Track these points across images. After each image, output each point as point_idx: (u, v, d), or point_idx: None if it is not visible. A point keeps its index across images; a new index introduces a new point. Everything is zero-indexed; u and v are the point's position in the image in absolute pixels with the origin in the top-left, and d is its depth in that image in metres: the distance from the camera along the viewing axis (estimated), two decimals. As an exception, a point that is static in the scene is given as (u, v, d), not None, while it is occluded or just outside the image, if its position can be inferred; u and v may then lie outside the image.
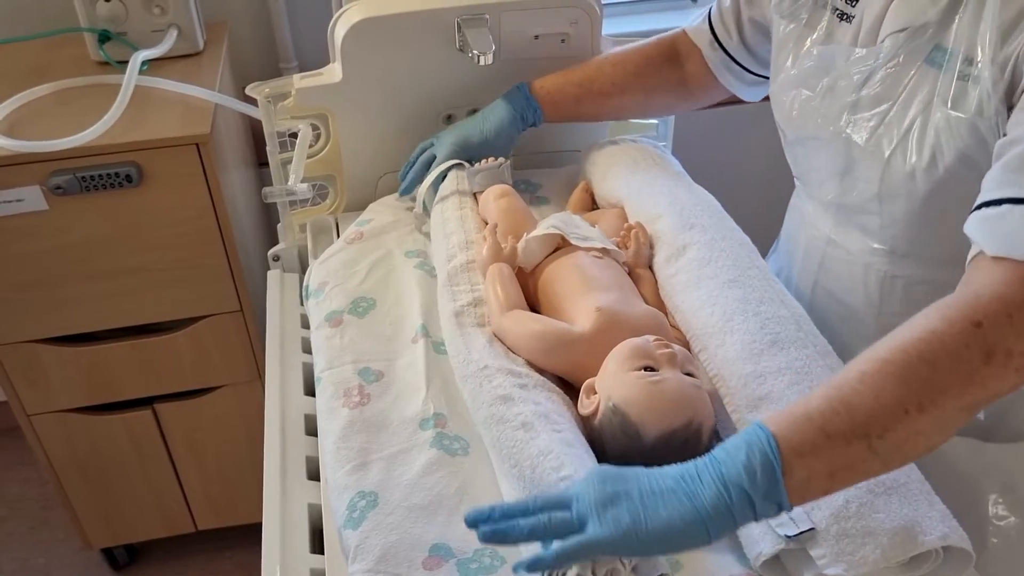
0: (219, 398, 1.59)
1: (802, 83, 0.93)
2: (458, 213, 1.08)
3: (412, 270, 1.07)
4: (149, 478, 1.67)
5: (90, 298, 1.41)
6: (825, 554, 0.68)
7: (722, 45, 1.11)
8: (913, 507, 0.70)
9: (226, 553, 1.91)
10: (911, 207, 0.85)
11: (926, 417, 0.61)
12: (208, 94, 1.37)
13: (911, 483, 0.72)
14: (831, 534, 0.69)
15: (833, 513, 0.69)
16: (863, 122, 0.86)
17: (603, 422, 0.79)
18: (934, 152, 0.80)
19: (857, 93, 0.86)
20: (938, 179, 0.81)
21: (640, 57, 1.17)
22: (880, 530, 0.68)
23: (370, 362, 0.94)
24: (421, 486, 0.80)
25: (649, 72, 1.17)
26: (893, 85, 0.83)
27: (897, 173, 0.84)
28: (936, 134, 0.79)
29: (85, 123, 1.24)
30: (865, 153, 0.86)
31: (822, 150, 0.93)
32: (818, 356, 0.84)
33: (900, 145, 0.83)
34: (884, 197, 0.87)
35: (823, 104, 0.90)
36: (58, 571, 1.89)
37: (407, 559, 0.73)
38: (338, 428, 0.86)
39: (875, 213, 0.89)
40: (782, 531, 0.70)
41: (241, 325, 1.50)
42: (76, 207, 1.30)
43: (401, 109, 1.26)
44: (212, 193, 1.33)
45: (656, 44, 1.18)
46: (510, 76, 1.21)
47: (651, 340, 0.82)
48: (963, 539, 0.69)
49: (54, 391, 1.50)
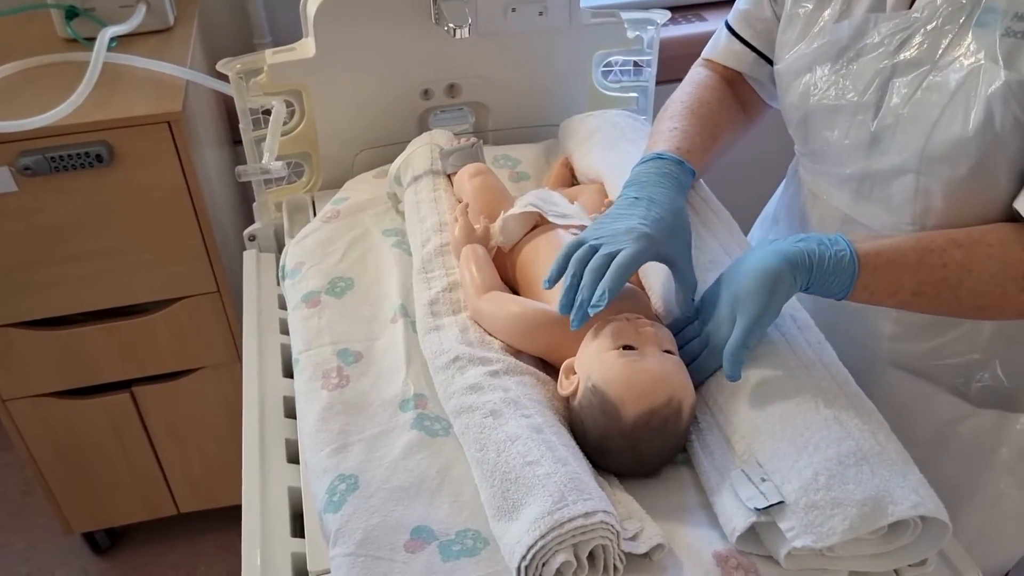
0: (198, 380, 1.57)
1: (817, 59, 0.89)
2: (431, 195, 1.06)
3: (390, 249, 1.06)
4: (129, 461, 1.65)
5: (64, 281, 1.38)
6: (794, 526, 0.68)
7: (766, 56, 1.01)
8: (885, 478, 0.69)
9: (209, 535, 1.90)
10: (956, 174, 0.81)
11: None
12: (179, 71, 1.34)
13: (887, 453, 0.72)
14: (800, 507, 0.69)
15: (803, 486, 0.69)
16: (900, 88, 0.83)
17: (583, 402, 0.78)
18: (987, 116, 0.76)
19: (892, 59, 0.83)
20: (990, 144, 0.77)
21: (718, 96, 1.03)
22: (849, 501, 0.68)
23: (349, 343, 0.93)
24: (402, 468, 0.79)
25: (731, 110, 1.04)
26: (932, 48, 0.80)
27: (944, 138, 0.80)
28: (989, 97, 0.76)
29: (53, 102, 1.21)
30: (903, 120, 0.83)
31: (844, 122, 0.89)
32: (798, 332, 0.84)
33: (948, 109, 0.79)
34: (925, 163, 0.82)
35: (848, 75, 0.87)
36: (39, 556, 1.87)
37: (389, 542, 0.72)
38: (317, 410, 0.85)
39: (909, 183, 0.85)
40: (752, 504, 0.70)
41: (219, 306, 1.48)
42: (46, 188, 1.27)
43: (377, 84, 1.23)
44: (185, 172, 1.31)
45: (712, 79, 1.04)
46: (487, 49, 1.19)
47: (630, 319, 0.81)
48: (937, 509, 0.69)
49: (30, 376, 1.48)
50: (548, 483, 0.69)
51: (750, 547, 0.72)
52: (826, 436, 0.72)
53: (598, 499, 0.68)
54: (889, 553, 0.71)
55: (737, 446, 0.76)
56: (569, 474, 0.70)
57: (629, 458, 0.78)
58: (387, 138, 1.27)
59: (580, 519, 0.66)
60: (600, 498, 0.69)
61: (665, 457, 0.80)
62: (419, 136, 1.18)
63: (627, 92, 1.37)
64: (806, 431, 0.73)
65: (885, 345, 0.97)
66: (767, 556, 0.72)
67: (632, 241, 0.80)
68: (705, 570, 0.70)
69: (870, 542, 0.70)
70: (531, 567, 0.66)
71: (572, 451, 0.75)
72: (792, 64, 0.93)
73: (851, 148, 0.90)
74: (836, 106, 0.89)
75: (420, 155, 1.13)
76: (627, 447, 0.77)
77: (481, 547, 0.72)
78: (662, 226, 0.83)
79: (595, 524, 0.66)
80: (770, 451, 0.73)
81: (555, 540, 0.65)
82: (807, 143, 0.97)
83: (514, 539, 0.67)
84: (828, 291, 0.80)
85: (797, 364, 0.80)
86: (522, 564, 0.66)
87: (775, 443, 0.73)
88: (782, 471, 0.71)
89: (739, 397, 0.79)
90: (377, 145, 1.28)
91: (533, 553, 0.65)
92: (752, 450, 0.74)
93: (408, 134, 1.22)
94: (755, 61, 1.02)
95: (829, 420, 0.74)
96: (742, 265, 0.80)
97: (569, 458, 0.73)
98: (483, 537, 0.73)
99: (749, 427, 0.76)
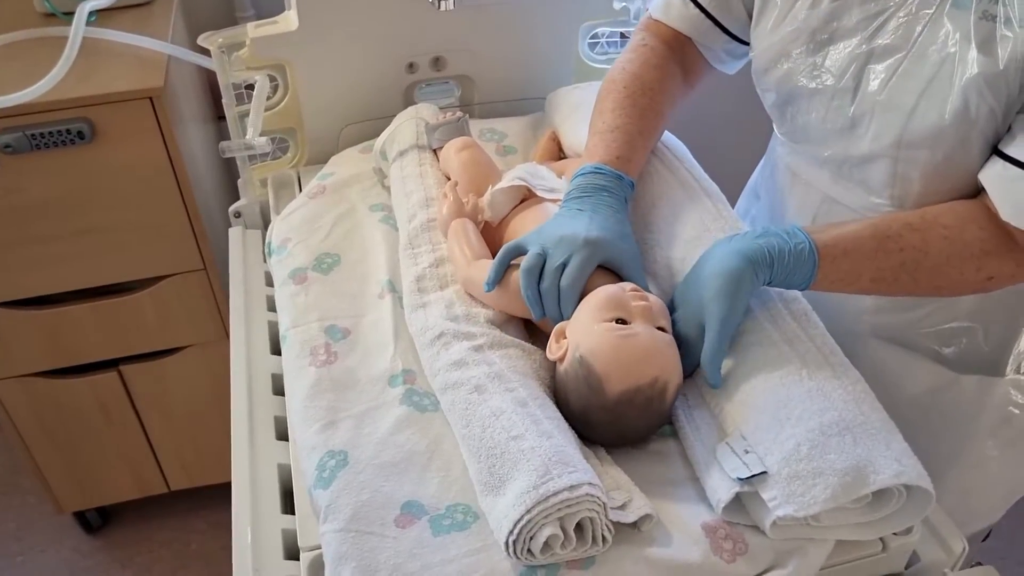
0: (186, 358, 1.57)
1: (792, 44, 0.89)
2: (417, 170, 1.06)
3: (377, 224, 1.05)
4: (118, 440, 1.65)
5: (48, 260, 1.37)
6: (776, 496, 0.69)
7: (724, 27, 0.99)
8: (868, 447, 0.70)
9: (200, 512, 1.91)
10: (933, 159, 0.82)
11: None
12: (160, 45, 1.32)
13: (870, 423, 0.72)
14: (782, 477, 0.69)
15: (785, 457, 0.70)
16: (877, 74, 0.83)
17: (568, 371, 0.78)
18: (963, 104, 0.77)
19: (869, 44, 0.83)
20: (966, 131, 0.78)
21: (654, 71, 1.00)
22: (830, 471, 0.68)
23: (336, 319, 0.93)
24: (391, 443, 0.79)
25: (668, 81, 1.01)
26: (907, 34, 0.80)
27: (921, 126, 0.80)
28: (964, 86, 0.76)
29: (32, 78, 1.19)
30: (880, 106, 0.83)
31: (821, 107, 0.89)
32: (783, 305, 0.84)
33: (924, 97, 0.79)
34: (902, 149, 0.83)
35: (824, 59, 0.86)
36: (30, 536, 1.87)
37: (379, 517, 0.72)
38: (305, 387, 0.85)
39: (886, 167, 0.86)
40: (735, 475, 0.70)
41: (205, 284, 1.47)
42: (27, 166, 1.26)
43: (361, 57, 1.22)
44: (169, 149, 1.29)
45: (656, 53, 1.01)
46: (472, 21, 1.17)
47: (627, 289, 0.80)
48: (920, 477, 0.69)
49: (15, 356, 1.47)
50: (533, 457, 0.69)
51: (737, 517, 0.73)
52: (809, 407, 0.73)
53: (583, 471, 0.69)
54: (874, 522, 0.72)
55: (723, 420, 0.77)
56: (554, 447, 0.70)
57: (610, 431, 0.78)
58: (372, 112, 1.26)
59: (565, 492, 0.66)
60: (585, 470, 0.69)
61: (646, 433, 0.80)
62: (404, 110, 1.17)
63: (605, 66, 1.36)
64: (789, 403, 0.73)
65: (866, 317, 0.97)
66: (754, 526, 0.72)
67: (580, 248, 0.82)
68: (694, 540, 0.71)
69: (855, 511, 0.71)
70: (519, 541, 0.66)
71: (557, 423, 0.75)
72: (768, 49, 0.92)
73: (829, 132, 0.90)
74: (814, 90, 0.89)
75: (405, 129, 1.12)
76: (608, 420, 0.77)
77: (471, 521, 0.73)
78: (606, 233, 0.84)
79: (580, 497, 0.66)
80: (754, 423, 0.73)
81: (541, 514, 0.66)
82: (784, 124, 0.97)
83: (501, 514, 0.68)
84: (790, 284, 0.81)
85: (780, 337, 0.80)
86: (510, 539, 0.66)
87: (759, 415, 0.73)
88: (765, 443, 0.72)
89: (725, 373, 0.79)
90: (362, 120, 1.26)
91: (520, 527, 0.66)
92: (736, 423, 0.75)
93: (393, 108, 1.21)
94: (710, 29, 0.99)
95: (813, 392, 0.74)
96: (704, 268, 0.81)
97: (554, 431, 0.73)
98: (473, 511, 0.73)
99: (734, 401, 0.77)
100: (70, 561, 1.83)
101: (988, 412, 0.98)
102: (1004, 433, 0.99)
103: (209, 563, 1.84)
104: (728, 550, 0.71)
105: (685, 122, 1.16)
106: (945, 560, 0.80)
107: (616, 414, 0.76)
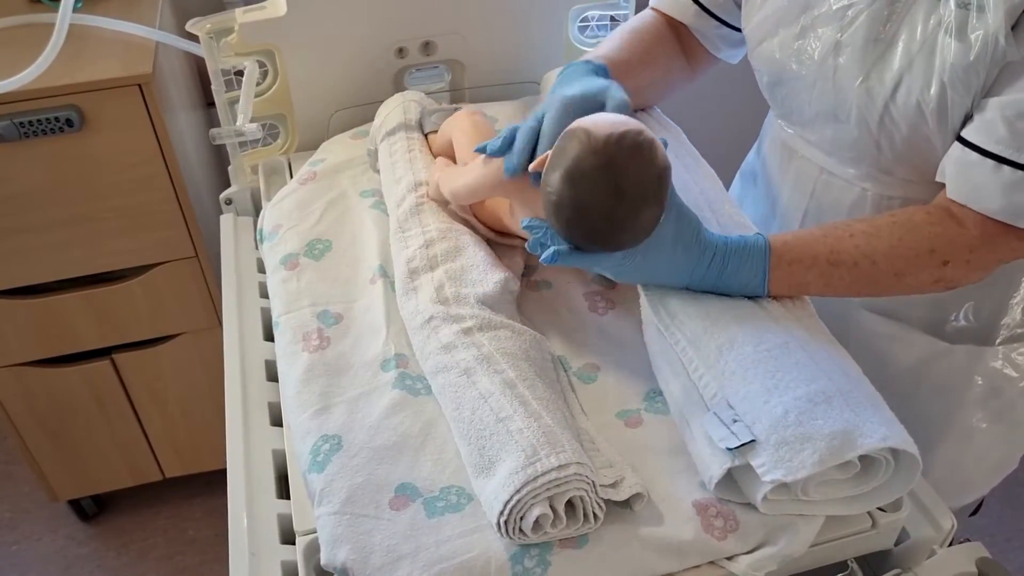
0: (179, 346, 1.57)
1: (779, 23, 0.90)
2: (407, 155, 1.05)
3: (368, 210, 1.05)
4: (112, 428, 1.65)
5: (38, 249, 1.37)
6: (765, 463, 0.69)
7: (709, 10, 1.01)
8: (855, 412, 0.71)
9: (195, 500, 1.91)
10: (917, 139, 0.83)
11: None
12: (148, 31, 1.31)
13: (855, 391, 0.73)
14: (770, 443, 0.69)
15: (772, 424, 0.70)
16: (853, 63, 0.83)
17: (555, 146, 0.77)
18: (942, 89, 0.77)
19: (846, 32, 0.83)
20: (948, 113, 0.79)
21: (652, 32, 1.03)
22: (818, 435, 0.69)
23: (328, 305, 0.93)
24: (385, 427, 0.79)
25: (666, 48, 1.04)
26: (885, 22, 0.81)
27: (902, 110, 0.81)
28: (942, 69, 0.77)
29: (19, 65, 1.19)
30: (858, 94, 0.84)
31: (807, 91, 0.90)
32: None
33: (904, 82, 0.80)
34: (884, 134, 0.84)
35: (806, 44, 0.87)
36: (25, 525, 1.88)
37: (373, 500, 0.73)
38: (299, 372, 0.85)
39: (872, 149, 0.87)
40: (723, 444, 0.70)
41: (197, 271, 1.47)
42: (16, 154, 1.25)
43: (351, 43, 1.21)
44: (158, 136, 1.29)
45: (649, 32, 1.03)
46: (462, 5, 1.17)
47: None
48: (906, 442, 0.70)
49: (8, 345, 1.47)
50: (520, 438, 0.70)
51: (728, 495, 0.73)
52: (796, 377, 0.73)
53: (571, 451, 0.69)
54: (863, 495, 0.73)
55: (709, 393, 0.77)
56: (542, 428, 0.71)
57: (604, 181, 0.74)
58: (362, 98, 1.26)
59: (553, 472, 0.67)
60: (573, 450, 0.70)
61: (644, 192, 0.75)
62: (391, 97, 1.17)
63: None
64: (777, 373, 0.74)
65: None
66: (746, 503, 0.73)
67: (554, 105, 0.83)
68: (685, 518, 0.72)
69: (843, 483, 0.72)
70: (510, 521, 0.67)
71: (545, 404, 0.75)
72: (758, 28, 0.93)
73: (816, 117, 0.91)
74: (798, 74, 0.90)
75: (394, 116, 1.12)
76: (601, 165, 0.73)
77: (465, 503, 0.73)
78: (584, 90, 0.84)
79: (569, 476, 0.67)
80: (741, 393, 0.74)
81: (530, 494, 0.67)
82: (779, 107, 0.99)
83: (492, 495, 0.69)
84: (741, 268, 0.80)
85: (765, 314, 0.80)
86: (500, 519, 0.67)
87: (746, 386, 0.74)
88: (753, 412, 0.72)
89: (712, 347, 0.79)
90: (352, 105, 1.26)
91: (510, 508, 0.67)
92: (724, 393, 0.75)
93: (383, 93, 1.21)
94: (697, 14, 1.01)
95: (801, 362, 0.75)
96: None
97: (542, 412, 0.73)
98: (467, 493, 0.74)
99: (721, 372, 0.76)
100: (65, 549, 1.84)
101: (979, 383, 0.99)
102: (992, 404, 1.01)
103: (204, 549, 1.85)
104: (719, 528, 0.72)
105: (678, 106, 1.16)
106: (934, 537, 0.81)
107: (608, 156, 0.73)
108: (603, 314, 0.94)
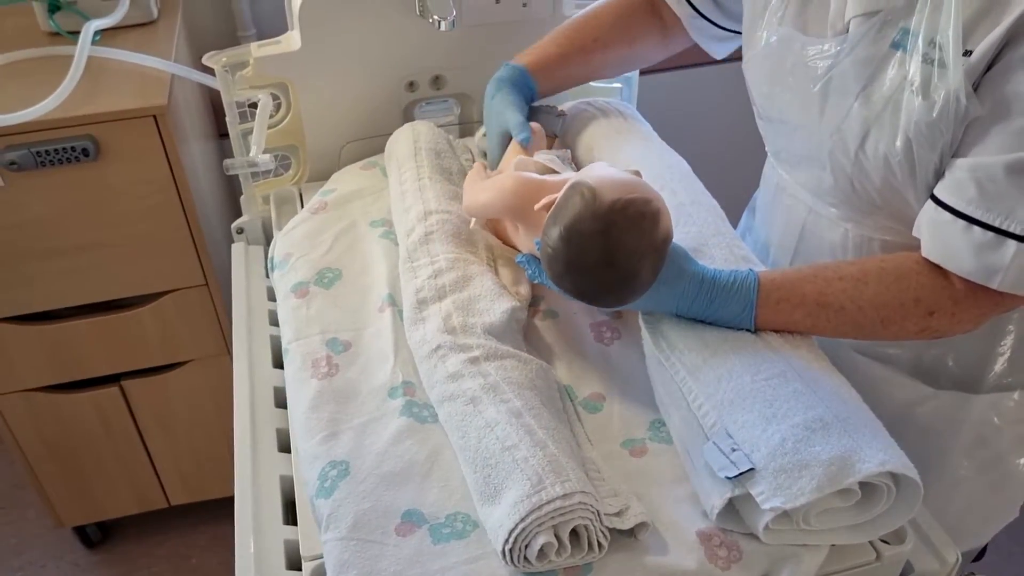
0: (187, 373, 1.58)
1: (769, 60, 0.91)
2: (416, 185, 1.07)
3: (377, 239, 1.07)
4: (119, 455, 1.66)
5: (51, 276, 1.39)
6: (764, 491, 0.69)
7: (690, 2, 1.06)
8: (852, 439, 0.71)
9: (200, 528, 1.91)
10: (889, 191, 0.84)
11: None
12: (164, 64, 1.34)
13: (853, 417, 0.73)
14: (769, 471, 0.70)
15: (770, 452, 0.71)
16: (828, 112, 0.84)
17: (562, 196, 0.79)
18: (908, 143, 0.78)
19: (820, 82, 0.84)
20: (916, 167, 0.79)
21: (615, 9, 1.12)
22: (816, 462, 0.69)
23: (337, 332, 0.94)
24: (392, 454, 0.80)
25: (630, 23, 1.12)
26: (858, 74, 0.81)
27: (872, 161, 0.82)
28: (908, 125, 0.77)
29: (38, 96, 1.22)
30: (833, 143, 0.85)
31: (791, 134, 0.92)
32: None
33: (872, 135, 0.80)
34: (858, 183, 0.86)
35: (791, 87, 0.88)
36: (30, 550, 1.88)
37: (380, 526, 0.74)
38: (307, 399, 0.86)
39: (851, 195, 0.88)
40: (723, 473, 0.71)
41: (207, 299, 1.49)
42: (33, 183, 1.28)
43: (362, 77, 1.24)
44: (172, 166, 1.31)
45: (620, 5, 1.12)
46: (471, 41, 1.19)
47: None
48: (906, 466, 0.70)
49: (18, 370, 1.48)
50: (526, 467, 0.71)
51: (732, 525, 0.74)
52: (793, 405, 0.74)
53: (576, 480, 0.70)
54: (866, 524, 0.73)
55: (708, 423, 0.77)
56: (547, 457, 0.72)
57: (598, 248, 0.76)
58: (373, 130, 1.28)
59: (558, 501, 0.68)
60: (578, 479, 0.71)
61: (635, 262, 0.77)
62: (401, 128, 1.19)
63: (611, 83, 1.38)
64: (775, 401, 0.74)
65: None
66: (749, 533, 0.74)
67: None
68: (689, 547, 0.72)
69: (845, 512, 0.72)
70: (515, 549, 0.68)
71: (551, 433, 0.76)
72: (754, 59, 0.94)
73: (800, 159, 0.93)
74: (781, 120, 0.92)
75: (403, 145, 1.14)
76: (598, 230, 0.75)
77: (471, 530, 0.74)
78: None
79: (574, 505, 0.68)
80: (740, 422, 0.74)
81: (535, 522, 0.67)
82: (769, 144, 1.02)
83: (497, 523, 0.69)
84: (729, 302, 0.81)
85: (764, 345, 0.81)
86: (505, 547, 0.68)
87: (744, 415, 0.74)
88: (751, 440, 0.72)
89: (711, 377, 0.79)
90: (363, 137, 1.28)
91: (515, 536, 0.67)
92: (723, 422, 0.75)
93: (394, 126, 1.23)
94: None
95: (798, 390, 0.75)
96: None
97: (547, 441, 0.74)
98: (472, 520, 0.75)
99: (719, 402, 0.77)
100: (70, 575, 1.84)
101: (964, 430, 0.99)
102: (980, 454, 1.00)
103: (209, 578, 1.84)
104: (723, 557, 0.72)
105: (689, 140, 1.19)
106: (939, 571, 0.81)
107: (607, 222, 0.75)
108: (609, 344, 0.95)
